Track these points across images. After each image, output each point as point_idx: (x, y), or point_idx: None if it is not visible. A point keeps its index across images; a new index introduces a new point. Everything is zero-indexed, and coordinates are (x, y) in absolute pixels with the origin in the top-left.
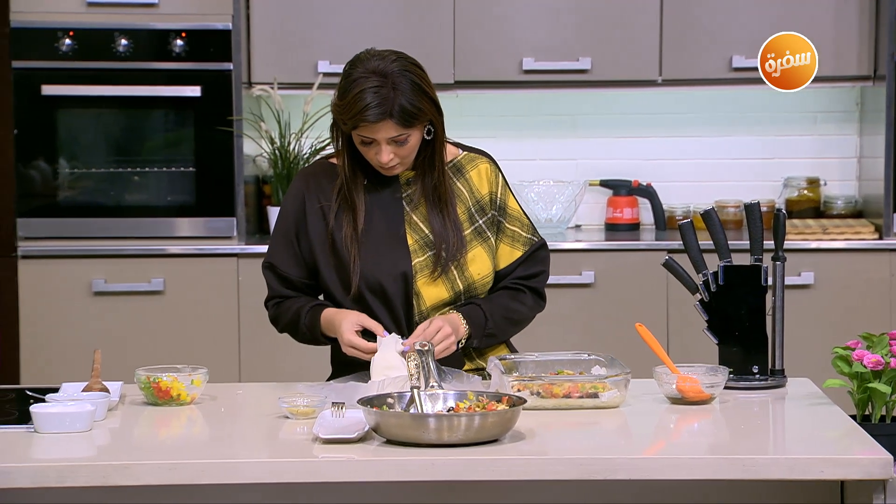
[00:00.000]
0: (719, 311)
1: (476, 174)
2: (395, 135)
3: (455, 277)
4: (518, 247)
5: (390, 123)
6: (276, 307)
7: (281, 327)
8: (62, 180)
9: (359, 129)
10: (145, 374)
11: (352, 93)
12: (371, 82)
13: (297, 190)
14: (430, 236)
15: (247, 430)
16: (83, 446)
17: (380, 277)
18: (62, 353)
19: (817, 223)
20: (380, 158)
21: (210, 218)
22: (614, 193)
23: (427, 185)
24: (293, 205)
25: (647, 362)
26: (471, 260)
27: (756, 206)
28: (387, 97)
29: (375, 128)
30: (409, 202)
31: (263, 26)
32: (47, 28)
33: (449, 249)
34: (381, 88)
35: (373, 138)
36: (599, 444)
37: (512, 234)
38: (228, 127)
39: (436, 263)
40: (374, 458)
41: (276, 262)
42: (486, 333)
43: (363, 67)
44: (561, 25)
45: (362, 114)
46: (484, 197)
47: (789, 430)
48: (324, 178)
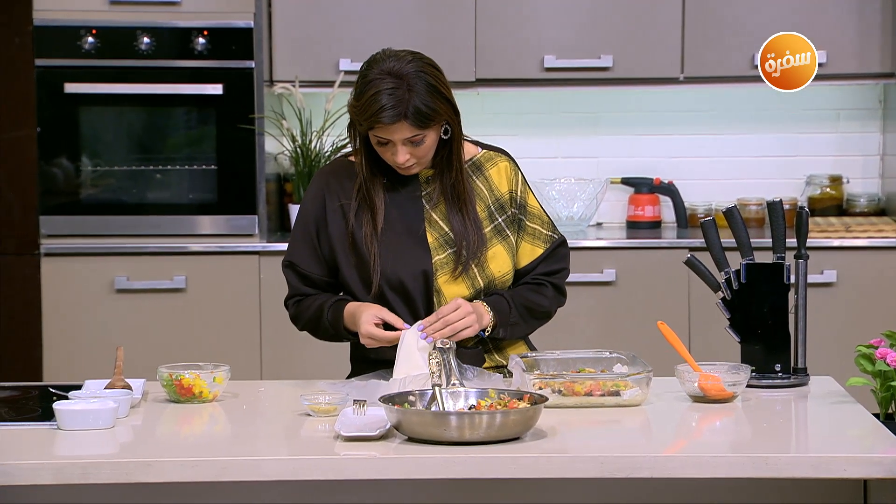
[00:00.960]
0: (741, 310)
1: (496, 172)
2: (410, 135)
3: (475, 275)
4: (539, 244)
5: (405, 124)
6: (296, 305)
7: (302, 325)
8: (84, 178)
9: (374, 129)
10: (167, 372)
11: (367, 94)
12: (386, 84)
13: (316, 189)
14: (449, 234)
15: (268, 428)
16: (106, 443)
17: (401, 275)
18: (85, 350)
19: (840, 221)
20: (396, 159)
21: (232, 216)
22: (636, 191)
23: (446, 184)
24: (313, 203)
25: (669, 360)
26: (491, 258)
27: (778, 203)
28: (401, 99)
29: (390, 129)
30: (429, 200)
31: (285, 24)
32: (70, 26)
33: (469, 247)
34: (397, 90)
35: (388, 139)
36: (621, 442)
37: (533, 232)
38: (250, 125)
39: (456, 261)
40: (396, 456)
41: (297, 260)
42: (510, 322)
43: (378, 68)
44: (582, 23)
45: (377, 115)
46: (504, 195)
47: (812, 429)
48: (343, 176)
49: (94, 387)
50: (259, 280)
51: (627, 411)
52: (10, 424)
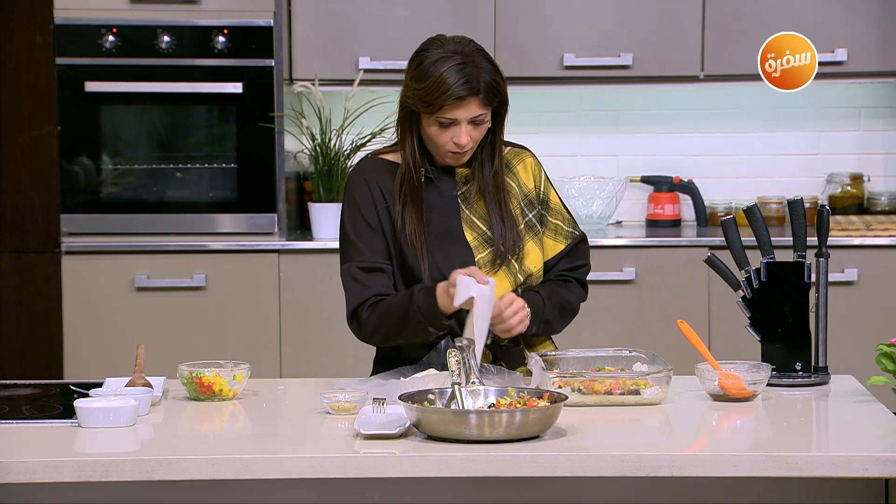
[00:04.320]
0: (762, 308)
1: (522, 168)
2: (478, 113)
3: (516, 270)
4: (560, 240)
5: (475, 101)
6: (374, 307)
7: (381, 326)
8: (105, 176)
9: (443, 109)
10: (188, 370)
11: (434, 74)
12: (454, 61)
13: (361, 187)
14: (487, 233)
15: (288, 426)
16: (127, 441)
17: (447, 273)
18: (105, 348)
19: (861, 219)
20: (459, 140)
21: (252, 214)
22: (655, 189)
23: (486, 176)
24: (365, 200)
25: (689, 359)
26: (526, 253)
27: (799, 202)
28: (471, 74)
29: (462, 105)
30: (464, 200)
31: (305, 23)
32: (91, 25)
33: (507, 244)
34: (465, 66)
35: (454, 119)
36: (642, 441)
37: (554, 228)
38: (270, 123)
39: (496, 259)
40: (416, 454)
41: (371, 258)
42: (544, 319)
43: (441, 49)
44: (602, 21)
45: (451, 91)
46: (531, 191)
47: (833, 428)
48: (384, 174)
49: (114, 384)
50: (279, 278)
51: (647, 410)
52: (32, 422)
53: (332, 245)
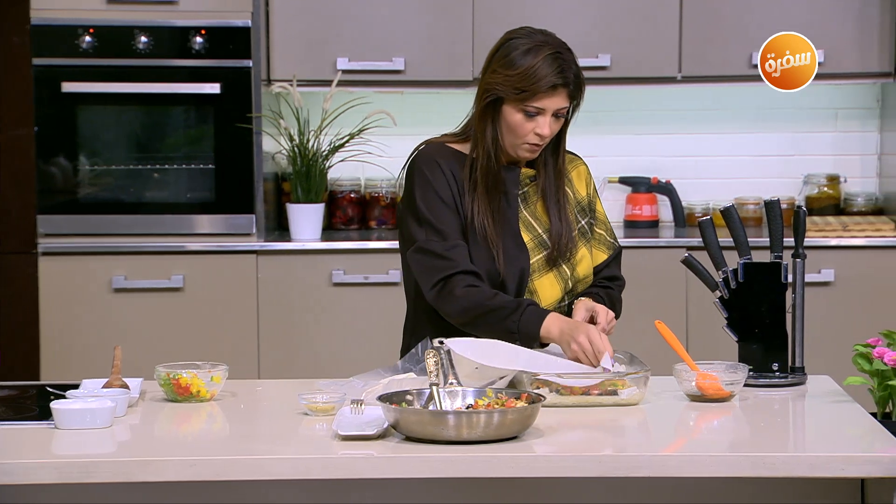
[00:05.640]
0: (739, 309)
1: (577, 175)
2: (563, 105)
3: (567, 276)
4: (603, 249)
5: (564, 93)
6: (469, 289)
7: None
8: (82, 177)
9: (536, 97)
10: (165, 371)
11: (528, 62)
12: (547, 50)
13: (433, 167)
14: (542, 235)
15: (266, 427)
16: (104, 443)
17: (501, 270)
18: (82, 349)
19: (837, 220)
20: (542, 131)
21: (230, 215)
22: (633, 190)
23: (549, 175)
24: (440, 180)
25: (667, 359)
26: (579, 260)
27: (776, 203)
28: (564, 65)
29: (553, 95)
30: (524, 200)
31: (283, 23)
32: (68, 25)
33: (562, 246)
34: (559, 56)
35: (542, 108)
36: (620, 442)
37: (599, 238)
38: (248, 124)
39: (549, 262)
40: (394, 455)
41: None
42: None
43: (531, 39)
44: (580, 22)
45: (546, 79)
46: (584, 199)
47: (809, 428)
48: (452, 160)
49: (91, 386)
50: (257, 279)
51: (625, 410)
52: (8, 423)
53: (310, 246)
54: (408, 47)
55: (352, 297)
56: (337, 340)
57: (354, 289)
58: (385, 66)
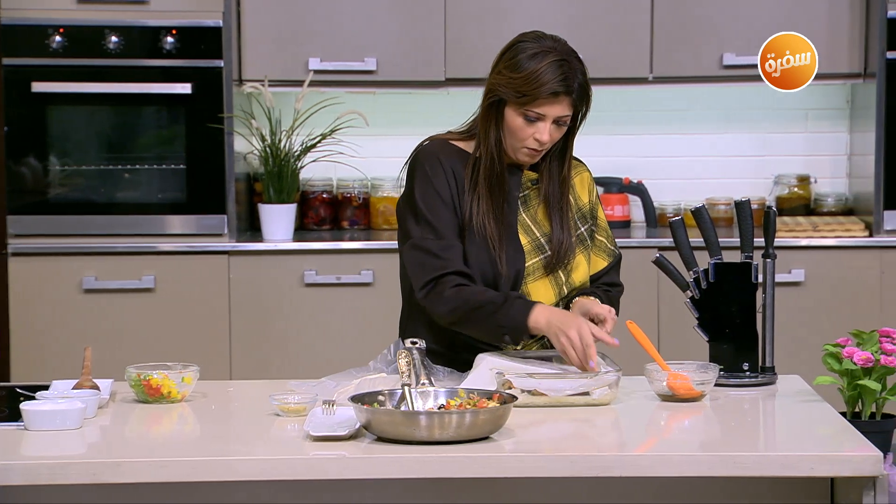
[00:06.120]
0: (710, 309)
1: (579, 181)
2: (565, 113)
3: (563, 282)
4: (603, 256)
5: (567, 101)
6: (458, 288)
7: (461, 305)
8: (53, 177)
9: (536, 103)
10: (136, 372)
11: (532, 66)
12: (553, 56)
13: (435, 164)
14: (540, 239)
15: (238, 428)
16: (74, 444)
17: (501, 271)
18: (53, 350)
19: (808, 220)
20: (541, 137)
21: (201, 215)
22: (605, 191)
23: (554, 181)
24: (440, 178)
25: (638, 360)
26: (575, 266)
27: (746, 203)
28: (568, 73)
29: (554, 102)
30: (524, 202)
31: (255, 23)
32: (38, 25)
33: (561, 253)
34: (564, 64)
35: (542, 114)
36: (591, 442)
37: (600, 245)
38: (219, 124)
39: (546, 267)
40: (365, 456)
41: (444, 234)
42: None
43: (538, 44)
44: (552, 23)
45: (548, 85)
46: (585, 205)
47: (780, 428)
48: (455, 158)
49: (61, 387)
50: (228, 279)
51: (597, 411)
52: None
53: (282, 247)
54: (380, 47)
55: (324, 297)
56: (309, 341)
57: (326, 289)
58: (357, 67)
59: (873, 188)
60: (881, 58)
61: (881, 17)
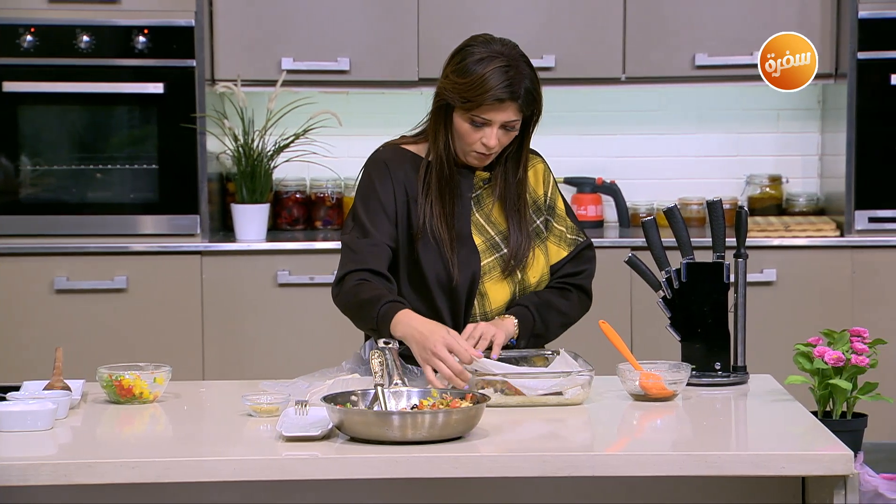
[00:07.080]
0: (682, 309)
1: (533, 174)
2: (512, 119)
3: (519, 279)
4: (563, 246)
5: (513, 106)
6: (358, 284)
7: (350, 301)
8: (24, 177)
9: (480, 109)
10: (107, 372)
11: (477, 72)
12: (499, 62)
13: (382, 172)
14: (495, 238)
15: (210, 428)
16: (45, 445)
17: (454, 274)
18: (24, 351)
19: (780, 220)
20: (488, 142)
21: (174, 215)
22: (578, 191)
23: (510, 183)
24: (385, 186)
25: (611, 359)
26: (530, 263)
27: (718, 203)
28: (514, 79)
29: (500, 108)
30: (476, 202)
31: (227, 23)
32: (8, 24)
33: (519, 254)
34: (510, 69)
35: (488, 120)
36: (563, 442)
37: (559, 234)
38: (192, 124)
39: (503, 266)
40: (338, 456)
41: (373, 234)
42: (533, 333)
43: (487, 49)
44: (525, 23)
45: (492, 91)
46: (539, 197)
47: (751, 427)
48: (407, 164)
49: (32, 388)
50: (201, 280)
51: (569, 410)
52: None
53: (255, 247)
54: (353, 48)
55: (297, 297)
56: (282, 341)
57: (300, 289)
58: (330, 67)
59: (844, 188)
60: (852, 58)
61: (852, 17)
